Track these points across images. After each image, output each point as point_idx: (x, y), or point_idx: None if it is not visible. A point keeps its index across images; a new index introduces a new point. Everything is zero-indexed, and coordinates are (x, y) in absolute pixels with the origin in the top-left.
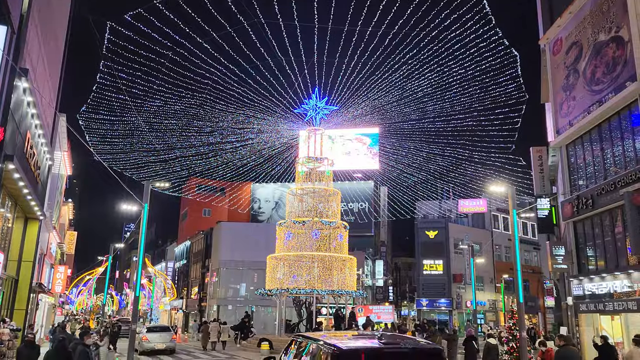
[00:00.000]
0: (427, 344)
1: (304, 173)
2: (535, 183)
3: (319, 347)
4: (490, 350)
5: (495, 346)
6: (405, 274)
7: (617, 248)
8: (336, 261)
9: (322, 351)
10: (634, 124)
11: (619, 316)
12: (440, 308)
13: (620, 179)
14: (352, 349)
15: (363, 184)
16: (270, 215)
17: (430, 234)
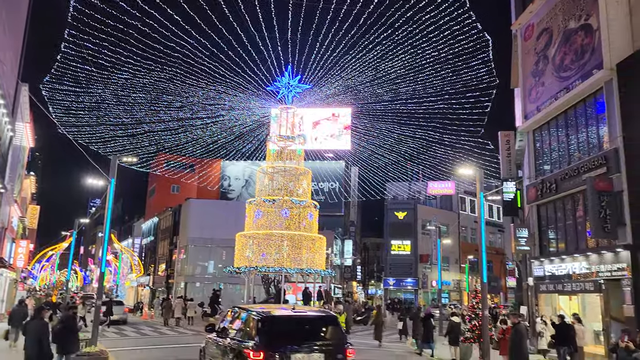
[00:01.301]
0: (326, 313)
1: (275, 151)
2: (502, 167)
3: (249, 314)
4: (454, 328)
5: (458, 324)
6: (374, 253)
7: (577, 231)
8: (305, 240)
9: (251, 317)
10: (598, 111)
11: (577, 296)
12: (407, 287)
13: (583, 165)
14: (270, 315)
15: (334, 163)
16: (240, 193)
17: (399, 215)
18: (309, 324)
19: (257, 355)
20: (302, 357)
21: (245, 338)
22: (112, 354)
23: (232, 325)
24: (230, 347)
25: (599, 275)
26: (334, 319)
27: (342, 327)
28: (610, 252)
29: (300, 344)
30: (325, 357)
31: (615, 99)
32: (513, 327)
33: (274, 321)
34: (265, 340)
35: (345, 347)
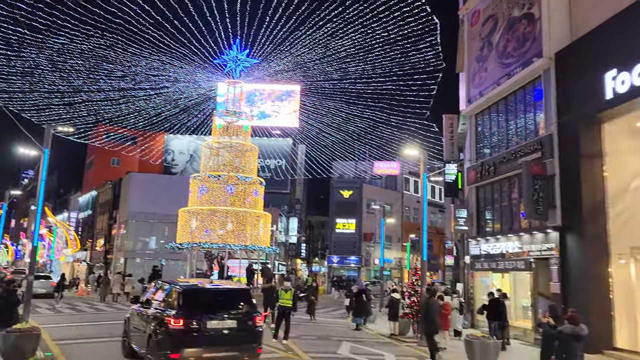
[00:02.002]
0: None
1: (221, 126)
2: (445, 149)
3: (172, 287)
4: (394, 304)
5: (398, 300)
6: (319, 231)
7: (512, 212)
8: (250, 217)
9: (174, 290)
10: (536, 98)
11: (509, 274)
12: (350, 265)
13: (520, 149)
14: (190, 288)
15: (281, 141)
16: (185, 167)
17: (344, 194)
18: (223, 296)
19: (177, 322)
20: (216, 323)
21: (167, 308)
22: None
23: (155, 297)
24: (153, 316)
25: (530, 254)
26: (245, 292)
27: (286, 303)
28: (541, 232)
29: (215, 312)
30: (237, 324)
31: (552, 87)
32: (425, 301)
33: (193, 293)
34: (185, 309)
35: (255, 315)
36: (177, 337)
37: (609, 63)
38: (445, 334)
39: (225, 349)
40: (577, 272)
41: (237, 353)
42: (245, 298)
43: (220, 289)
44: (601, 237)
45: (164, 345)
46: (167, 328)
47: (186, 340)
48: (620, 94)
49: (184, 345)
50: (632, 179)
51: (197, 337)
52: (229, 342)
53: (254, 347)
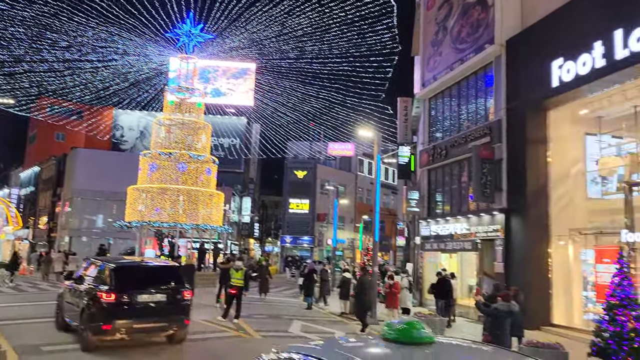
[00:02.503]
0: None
1: (173, 103)
2: (399, 131)
3: (105, 264)
4: (345, 283)
5: (349, 280)
6: (272, 211)
7: (461, 195)
8: (203, 196)
9: (107, 267)
10: (487, 84)
11: (456, 254)
12: (303, 245)
13: (470, 134)
14: (121, 265)
15: (235, 119)
16: (134, 144)
17: (299, 174)
18: (153, 273)
19: (109, 296)
20: (147, 297)
21: (100, 284)
22: None
23: (88, 273)
24: (86, 291)
25: (477, 235)
26: (174, 269)
27: (237, 282)
28: (488, 215)
29: (145, 287)
30: (166, 297)
31: (503, 74)
32: (358, 279)
33: (125, 270)
34: (117, 285)
35: (183, 290)
36: (109, 310)
37: (556, 52)
38: (394, 312)
39: (154, 320)
40: (520, 253)
41: (166, 324)
42: (174, 274)
43: (150, 266)
44: (543, 220)
45: (97, 317)
46: (100, 302)
47: (117, 313)
48: (565, 82)
49: (115, 317)
50: (572, 164)
51: (128, 309)
52: (158, 314)
53: (182, 319)
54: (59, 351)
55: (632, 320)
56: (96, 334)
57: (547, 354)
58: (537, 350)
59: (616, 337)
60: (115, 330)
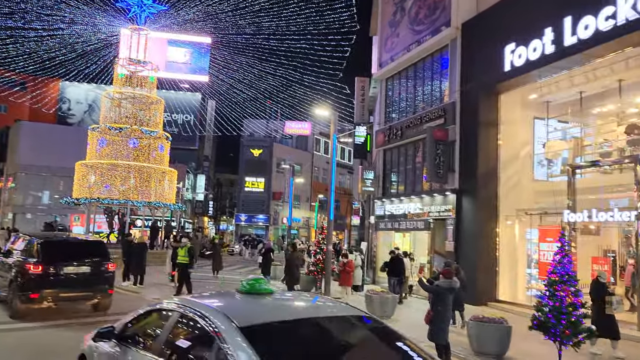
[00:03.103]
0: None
1: (123, 76)
2: (355, 111)
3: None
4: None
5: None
6: (227, 190)
7: (415, 175)
8: (155, 173)
9: (35, 241)
10: (443, 66)
11: (410, 233)
12: (258, 223)
13: (425, 115)
14: (48, 239)
15: (190, 95)
16: (82, 118)
17: (254, 152)
18: (79, 247)
19: (36, 268)
20: (72, 269)
21: (28, 257)
22: None
23: (16, 247)
24: (14, 264)
25: (430, 215)
26: (100, 243)
27: (182, 260)
28: (441, 195)
29: (71, 260)
30: (91, 269)
31: (458, 57)
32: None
33: (52, 244)
34: (44, 257)
35: (107, 263)
36: (36, 281)
37: (509, 37)
38: (347, 290)
39: (79, 290)
40: (470, 232)
41: (90, 293)
42: (99, 249)
43: (76, 241)
44: (492, 200)
45: (25, 287)
46: (28, 273)
47: (44, 283)
48: (517, 67)
49: (42, 287)
50: (521, 147)
51: (54, 280)
52: (83, 284)
53: (105, 289)
54: None
55: (570, 295)
56: (24, 303)
57: (492, 328)
58: (482, 325)
59: (555, 311)
60: (43, 298)
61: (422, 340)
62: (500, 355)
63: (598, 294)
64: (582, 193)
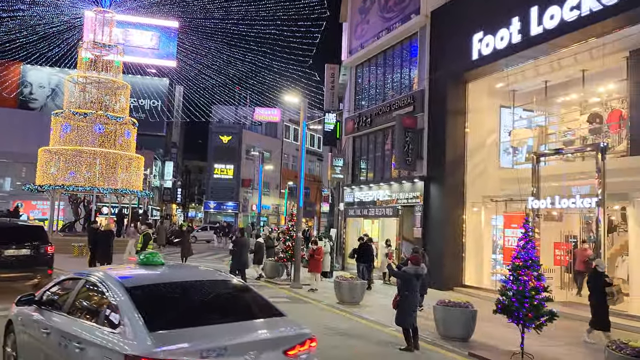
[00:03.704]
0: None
1: (88, 60)
2: (325, 98)
3: None
4: (259, 249)
5: (263, 244)
6: (196, 176)
7: (384, 162)
8: (121, 159)
9: None
10: (412, 54)
11: (378, 220)
12: (227, 211)
13: (395, 103)
14: None
15: (157, 80)
16: (45, 103)
17: (223, 139)
18: (19, 231)
19: None
20: (12, 251)
21: None
22: None
23: None
24: None
25: (398, 202)
26: (39, 228)
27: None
28: (409, 182)
29: (11, 243)
30: (31, 252)
31: (427, 45)
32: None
33: None
34: None
35: (46, 246)
36: None
37: (477, 26)
38: (317, 276)
39: (20, 271)
40: (437, 218)
41: (30, 274)
42: (39, 233)
43: (15, 225)
44: (459, 187)
45: None
46: None
47: None
48: (484, 56)
49: None
50: (487, 135)
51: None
52: (23, 266)
53: (44, 270)
54: None
55: (533, 279)
56: None
57: (457, 312)
58: (448, 309)
59: (519, 295)
60: None
61: (389, 325)
62: (466, 338)
63: (597, 285)
64: (546, 180)
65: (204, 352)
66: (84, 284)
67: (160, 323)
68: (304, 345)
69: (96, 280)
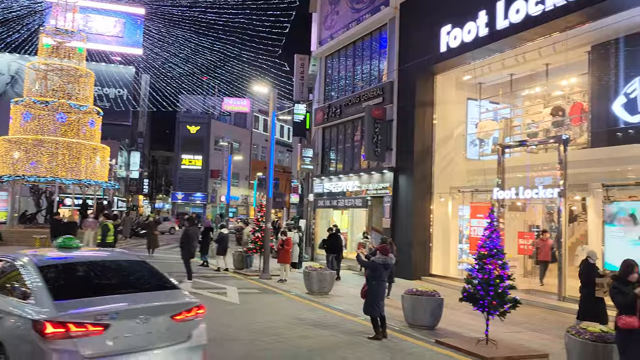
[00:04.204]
0: None
1: (49, 46)
2: (295, 89)
3: None
4: (223, 239)
5: (227, 235)
6: (163, 167)
7: (354, 153)
8: (85, 149)
9: None
10: (382, 46)
11: (348, 211)
12: (196, 202)
13: (364, 94)
14: None
15: (122, 68)
16: (4, 90)
17: (191, 129)
18: None
19: None
20: None
21: None
22: None
23: None
24: None
25: (368, 192)
26: None
27: None
28: (378, 173)
29: None
30: None
31: (396, 36)
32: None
33: None
34: None
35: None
36: None
37: (445, 18)
38: (286, 267)
39: None
40: (406, 209)
41: None
42: None
43: None
44: (427, 178)
45: None
46: None
47: None
48: (452, 48)
49: None
50: (455, 127)
51: None
52: None
53: None
54: None
55: (498, 268)
56: None
57: (425, 300)
58: (416, 298)
59: (484, 283)
60: None
61: (358, 314)
62: (433, 326)
63: (589, 277)
64: (511, 172)
65: (98, 316)
66: (9, 265)
67: (64, 294)
68: (191, 311)
69: (18, 262)
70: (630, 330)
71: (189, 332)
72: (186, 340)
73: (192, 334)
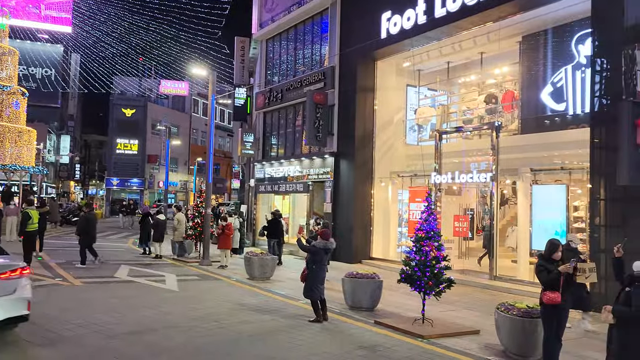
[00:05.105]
0: None
1: None
2: (235, 72)
3: None
4: (159, 226)
5: (164, 221)
6: (96, 152)
7: (295, 138)
8: (10, 132)
9: None
10: (324, 30)
11: (289, 196)
12: (132, 188)
13: (306, 78)
14: None
15: (50, 47)
16: None
17: (126, 112)
18: None
19: None
20: None
21: None
22: None
23: None
24: None
25: (309, 177)
26: None
27: None
28: (320, 158)
29: None
30: None
31: (337, 21)
32: (83, 217)
33: None
34: None
35: None
36: None
37: (386, 4)
38: (227, 253)
39: None
40: (347, 194)
41: None
42: None
43: None
44: (368, 163)
45: None
46: None
47: None
48: (392, 35)
49: None
50: (395, 113)
51: None
52: None
53: None
54: None
55: (434, 249)
56: None
57: (364, 283)
58: (356, 281)
59: (421, 265)
60: None
61: (299, 298)
62: (372, 308)
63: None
64: (447, 157)
65: None
66: None
67: None
68: (15, 271)
69: None
70: (553, 305)
71: (14, 287)
72: (12, 293)
73: (16, 288)
